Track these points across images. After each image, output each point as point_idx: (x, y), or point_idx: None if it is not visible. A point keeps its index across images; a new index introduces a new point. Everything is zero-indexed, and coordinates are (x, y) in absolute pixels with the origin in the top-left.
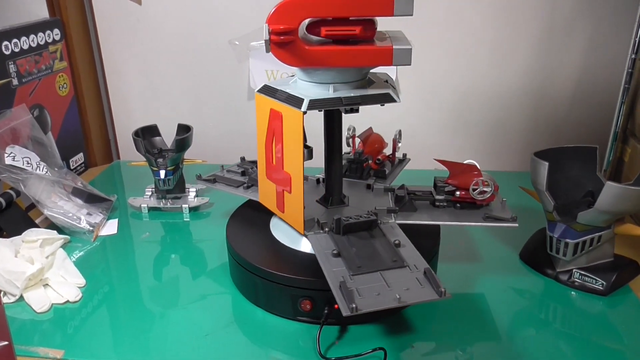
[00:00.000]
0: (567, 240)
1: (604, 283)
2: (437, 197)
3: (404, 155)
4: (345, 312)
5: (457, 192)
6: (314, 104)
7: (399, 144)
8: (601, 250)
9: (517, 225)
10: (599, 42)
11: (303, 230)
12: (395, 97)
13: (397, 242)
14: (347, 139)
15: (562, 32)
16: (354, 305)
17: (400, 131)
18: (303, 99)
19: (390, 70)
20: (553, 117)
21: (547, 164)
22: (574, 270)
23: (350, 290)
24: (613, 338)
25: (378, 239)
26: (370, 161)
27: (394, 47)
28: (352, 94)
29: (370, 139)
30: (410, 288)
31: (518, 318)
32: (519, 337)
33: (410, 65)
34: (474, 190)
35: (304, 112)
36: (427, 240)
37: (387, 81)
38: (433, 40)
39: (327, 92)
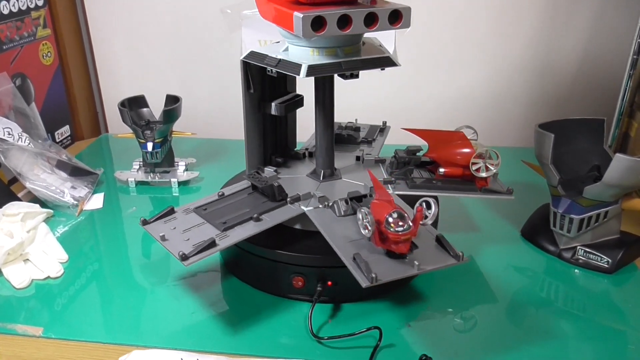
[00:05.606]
0: (572, 215)
1: (610, 260)
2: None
3: (509, 190)
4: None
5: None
6: (251, 56)
7: (491, 168)
8: (607, 227)
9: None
10: (606, 11)
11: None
12: (303, 71)
13: (259, 217)
14: None
15: (568, 0)
16: (145, 219)
17: (493, 152)
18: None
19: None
20: (556, 91)
21: (552, 135)
22: (578, 247)
23: (167, 215)
24: (617, 317)
25: (260, 206)
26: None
27: (294, 13)
28: (279, 57)
29: (461, 147)
30: (190, 240)
31: (519, 296)
32: (519, 316)
33: (301, 36)
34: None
35: (243, 61)
36: None
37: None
38: (433, 8)
39: (279, 50)
